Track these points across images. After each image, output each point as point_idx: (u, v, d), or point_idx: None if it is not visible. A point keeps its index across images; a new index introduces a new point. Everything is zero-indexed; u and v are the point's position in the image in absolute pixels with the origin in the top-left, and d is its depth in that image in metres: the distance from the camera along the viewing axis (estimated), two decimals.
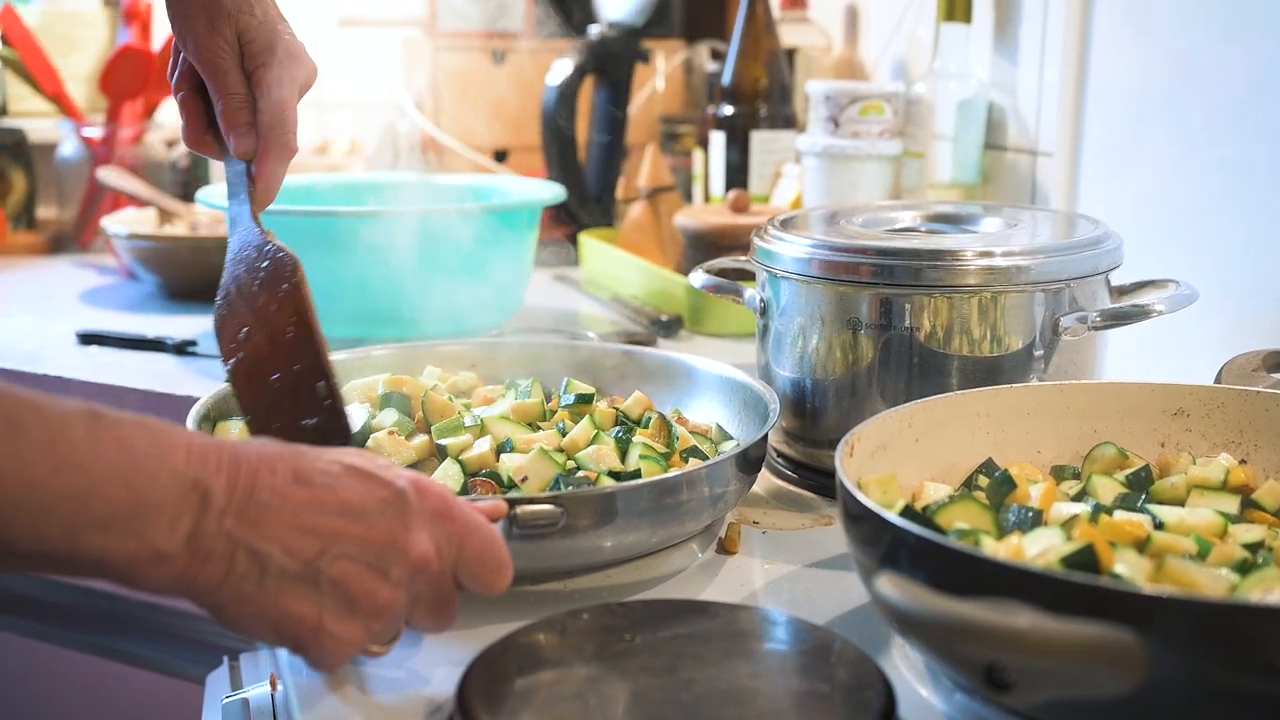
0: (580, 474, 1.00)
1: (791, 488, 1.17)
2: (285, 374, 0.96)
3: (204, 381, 1.44)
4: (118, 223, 1.93)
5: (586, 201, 2.08)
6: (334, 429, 0.94)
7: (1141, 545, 0.80)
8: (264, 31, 1.03)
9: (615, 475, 1.01)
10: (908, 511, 0.81)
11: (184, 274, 1.85)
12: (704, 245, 1.70)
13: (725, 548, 1.03)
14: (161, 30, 2.35)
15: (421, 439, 1.06)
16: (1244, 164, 1.32)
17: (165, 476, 0.68)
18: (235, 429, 1.10)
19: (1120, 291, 1.15)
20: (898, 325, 1.08)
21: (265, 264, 0.99)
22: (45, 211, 2.42)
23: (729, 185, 1.94)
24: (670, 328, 1.63)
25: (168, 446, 0.69)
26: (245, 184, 1.04)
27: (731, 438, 1.14)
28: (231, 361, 0.98)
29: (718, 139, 1.96)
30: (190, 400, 1.28)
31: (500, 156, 2.29)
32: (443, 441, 1.04)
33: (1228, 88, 1.34)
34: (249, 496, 0.71)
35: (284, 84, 1.03)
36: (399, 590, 0.75)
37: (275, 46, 1.03)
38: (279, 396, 0.96)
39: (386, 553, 0.74)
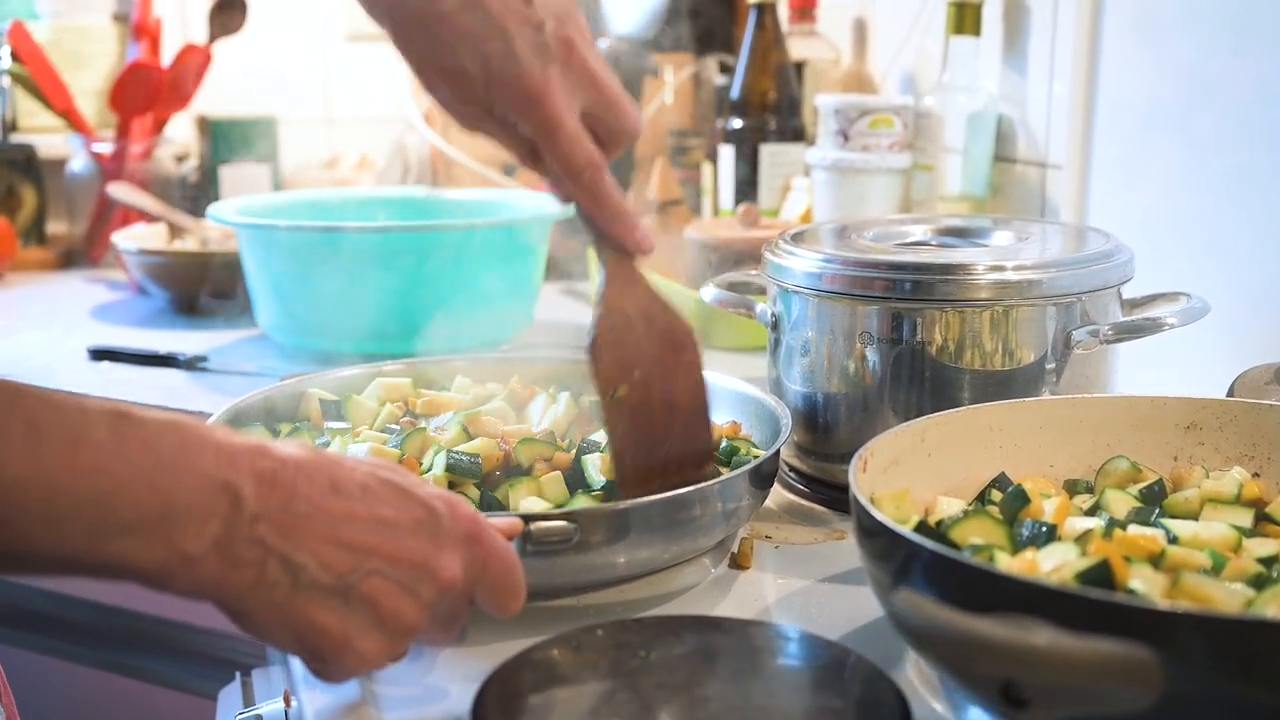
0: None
1: (803, 502, 1.17)
2: (675, 437, 1.00)
3: (215, 397, 1.44)
4: (128, 238, 1.94)
5: None
6: None
7: (1156, 560, 0.80)
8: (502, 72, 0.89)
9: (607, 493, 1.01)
10: (922, 527, 0.81)
11: (194, 289, 1.85)
12: (714, 259, 1.70)
13: (738, 563, 1.03)
14: (170, 46, 2.35)
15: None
16: (1255, 174, 1.32)
17: (193, 479, 0.67)
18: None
19: (1132, 304, 1.15)
20: (909, 339, 1.08)
21: (661, 319, 1.02)
22: (55, 227, 2.43)
23: (738, 199, 1.94)
24: None
25: (196, 447, 0.68)
26: (589, 225, 1.00)
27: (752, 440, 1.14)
28: (615, 392, 0.98)
29: (727, 152, 1.96)
30: (202, 416, 1.28)
31: (510, 171, 2.30)
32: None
33: (1237, 98, 1.34)
34: (286, 505, 0.70)
35: (558, 114, 0.92)
36: (425, 610, 0.75)
37: (522, 75, 0.90)
38: (664, 454, 1.00)
39: (417, 573, 0.74)
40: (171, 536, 0.66)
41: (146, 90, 2.22)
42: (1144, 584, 0.73)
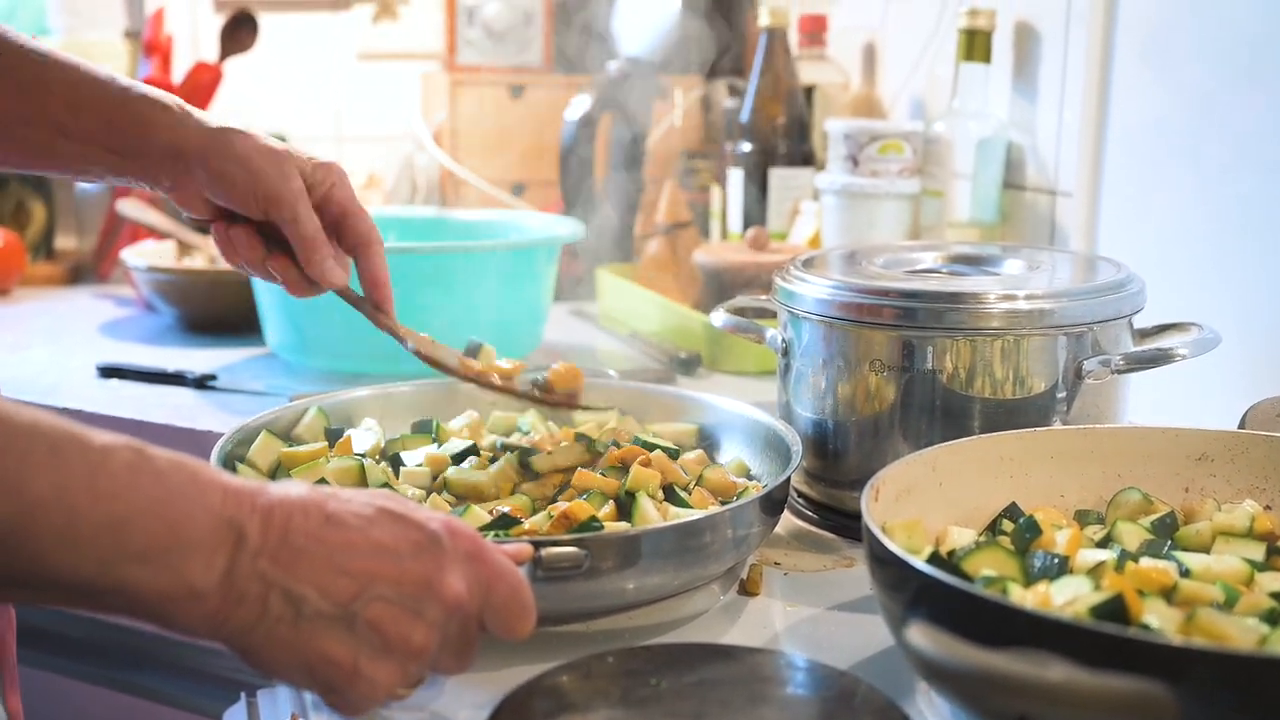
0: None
1: (812, 528, 1.17)
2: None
3: (225, 416, 1.44)
4: (137, 255, 1.94)
5: (604, 237, 2.08)
6: None
7: (1168, 593, 0.80)
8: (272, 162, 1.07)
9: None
10: (935, 558, 0.81)
11: (203, 307, 1.85)
12: (723, 282, 1.70)
13: (747, 589, 1.02)
14: (182, 64, 2.36)
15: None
16: (1266, 203, 1.32)
17: (202, 514, 0.69)
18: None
19: (1143, 334, 1.15)
20: (920, 367, 1.08)
21: None
22: (64, 242, 2.44)
23: (747, 222, 1.94)
24: (689, 365, 1.63)
25: (205, 485, 0.70)
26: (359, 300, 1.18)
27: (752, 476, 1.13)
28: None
29: (736, 175, 1.96)
30: (211, 435, 1.28)
31: (518, 191, 2.30)
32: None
33: (1249, 126, 1.34)
34: (283, 540, 0.71)
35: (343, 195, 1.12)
36: (434, 631, 0.75)
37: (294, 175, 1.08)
38: None
39: (422, 594, 0.74)
40: (180, 568, 0.68)
41: None
42: (1158, 619, 0.73)
